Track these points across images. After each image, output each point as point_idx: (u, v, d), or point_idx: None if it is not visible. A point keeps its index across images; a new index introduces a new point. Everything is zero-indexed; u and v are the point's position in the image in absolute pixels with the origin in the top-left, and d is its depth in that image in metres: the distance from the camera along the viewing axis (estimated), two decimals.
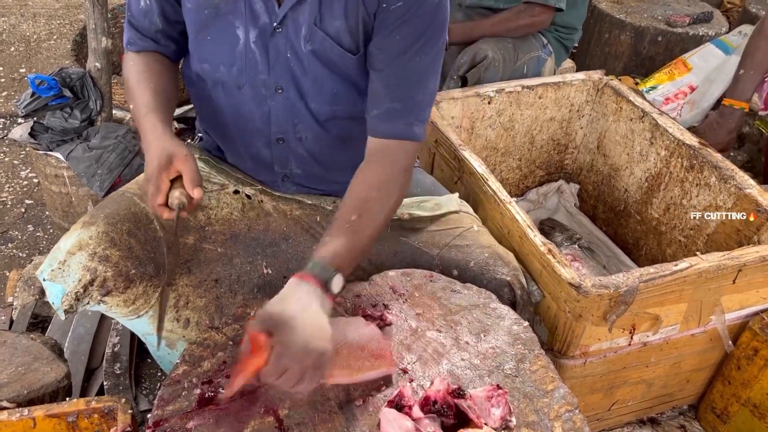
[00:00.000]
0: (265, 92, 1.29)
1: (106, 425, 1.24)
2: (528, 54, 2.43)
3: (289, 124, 1.33)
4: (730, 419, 1.68)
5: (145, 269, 1.28)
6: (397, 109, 1.23)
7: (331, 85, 1.27)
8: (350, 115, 1.33)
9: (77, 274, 1.22)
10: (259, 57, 1.25)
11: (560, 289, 1.38)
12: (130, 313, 1.31)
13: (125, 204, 1.32)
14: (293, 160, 1.39)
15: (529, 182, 2.33)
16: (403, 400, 1.08)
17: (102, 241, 1.24)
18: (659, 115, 1.93)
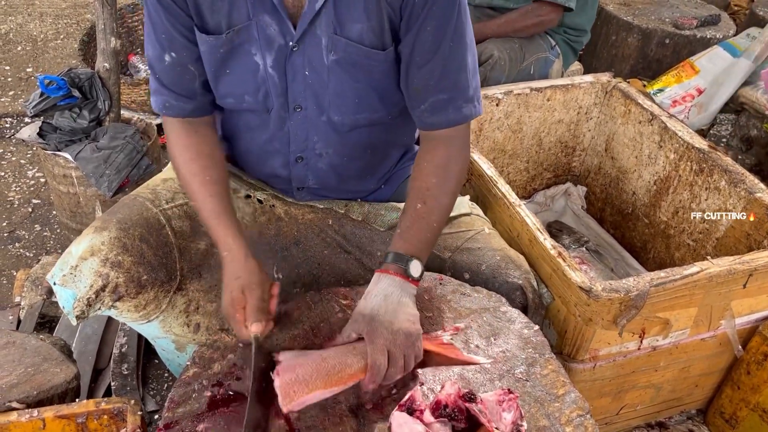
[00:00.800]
0: (283, 114, 1.28)
1: (115, 426, 1.24)
2: (535, 55, 2.42)
3: (309, 141, 1.32)
4: (739, 424, 1.67)
5: (157, 275, 1.27)
6: (444, 99, 1.24)
7: (353, 93, 1.25)
8: (371, 122, 1.31)
9: (89, 279, 1.22)
10: (278, 80, 1.23)
11: (570, 292, 1.38)
12: (141, 318, 1.31)
13: (137, 209, 1.31)
14: (311, 177, 1.39)
15: (537, 184, 2.33)
16: (414, 404, 1.07)
17: (114, 247, 1.24)
18: (668, 118, 1.92)
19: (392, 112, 1.32)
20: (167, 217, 1.33)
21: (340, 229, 1.44)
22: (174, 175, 1.40)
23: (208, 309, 1.35)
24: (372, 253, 1.42)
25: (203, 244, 1.36)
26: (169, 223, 1.32)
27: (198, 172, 1.26)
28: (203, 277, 1.35)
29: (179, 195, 1.37)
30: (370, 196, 1.49)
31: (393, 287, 1.15)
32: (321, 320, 1.26)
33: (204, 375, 1.14)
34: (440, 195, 1.24)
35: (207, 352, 1.19)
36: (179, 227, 1.33)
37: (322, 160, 1.35)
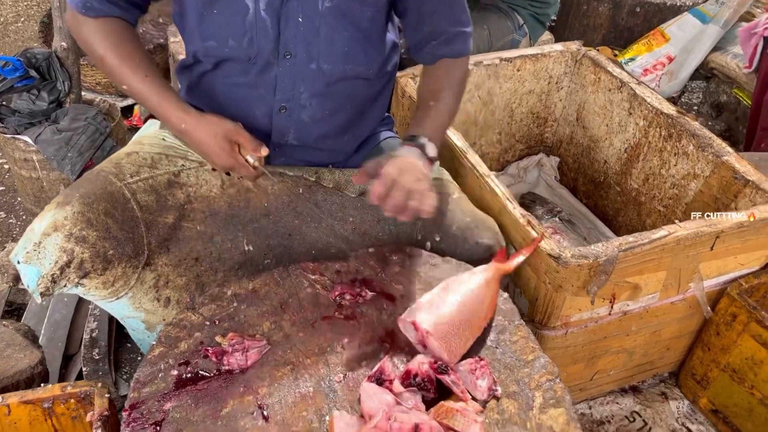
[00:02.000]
0: (272, 60, 1.27)
1: (83, 410, 1.22)
2: (502, 39, 2.41)
3: (296, 90, 1.31)
4: (710, 385, 1.69)
5: (124, 250, 1.25)
6: (452, 33, 1.38)
7: (343, 43, 1.27)
8: (356, 75, 1.33)
9: (53, 255, 1.19)
10: (270, 25, 1.23)
11: (540, 260, 1.38)
12: (109, 295, 1.28)
13: (101, 183, 1.28)
14: (293, 130, 1.36)
15: (510, 156, 2.32)
16: (383, 374, 1.07)
17: (78, 221, 1.21)
18: (637, 85, 1.92)
19: (374, 68, 1.35)
20: (132, 191, 1.30)
21: (311, 197, 1.43)
22: (138, 149, 1.37)
23: (178, 283, 1.33)
24: (344, 218, 1.42)
25: (170, 218, 1.33)
26: (134, 196, 1.29)
27: (126, 56, 1.24)
28: (171, 252, 1.33)
29: (144, 169, 1.34)
30: (341, 163, 1.47)
31: (412, 153, 1.25)
32: (289, 295, 1.25)
33: (170, 354, 1.13)
34: (448, 96, 1.39)
35: (173, 331, 1.17)
36: (145, 201, 1.31)
37: (305, 111, 1.34)
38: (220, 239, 1.37)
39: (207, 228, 1.37)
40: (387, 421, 0.96)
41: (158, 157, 1.36)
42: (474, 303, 1.17)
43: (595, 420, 1.73)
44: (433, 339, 1.10)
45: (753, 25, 2.38)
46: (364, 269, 1.31)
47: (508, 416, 1.06)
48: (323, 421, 1.03)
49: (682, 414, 1.76)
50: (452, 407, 1.01)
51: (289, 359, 1.13)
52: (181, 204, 1.36)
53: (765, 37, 2.34)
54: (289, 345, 1.15)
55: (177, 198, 1.36)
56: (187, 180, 1.38)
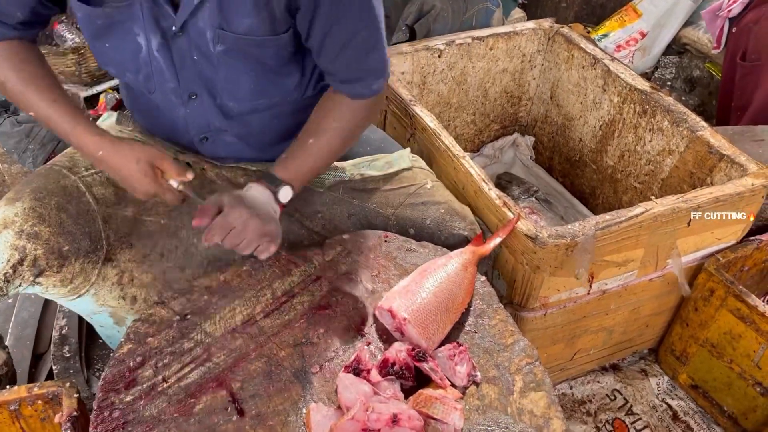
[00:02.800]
0: (176, 100, 1.21)
1: (52, 411, 1.18)
2: (477, 5, 2.37)
3: (211, 125, 1.26)
4: (689, 360, 1.70)
5: (80, 245, 1.20)
6: (352, 78, 1.22)
7: (247, 80, 1.19)
8: (270, 107, 1.26)
9: (4, 254, 1.14)
10: (164, 65, 1.15)
11: (517, 241, 1.36)
12: (69, 293, 1.23)
13: (54, 177, 1.23)
14: (223, 150, 1.33)
15: (485, 137, 2.30)
16: (360, 364, 1.04)
17: (29, 217, 1.16)
18: (611, 61, 1.90)
19: (291, 96, 1.27)
20: (87, 184, 1.25)
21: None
22: None
23: (143, 280, 1.29)
24: (311, 214, 1.37)
25: (129, 211, 1.28)
26: (89, 190, 1.25)
27: (29, 79, 1.15)
28: (134, 247, 1.28)
29: None
30: None
31: (262, 195, 1.17)
32: (262, 287, 1.22)
33: (139, 351, 1.09)
34: (335, 138, 1.24)
35: (142, 327, 1.13)
36: (101, 194, 1.26)
37: (228, 135, 1.29)
38: (186, 234, 1.32)
39: (171, 221, 1.32)
40: (365, 412, 0.94)
41: None
42: (451, 287, 1.15)
43: (576, 399, 1.73)
44: (410, 326, 1.07)
45: (716, 7, 2.39)
46: (338, 257, 1.27)
47: (488, 401, 1.04)
48: (300, 413, 1.01)
49: (662, 390, 1.76)
50: (431, 395, 0.99)
51: (263, 352, 1.09)
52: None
53: (730, 18, 2.36)
54: (263, 337, 1.12)
55: None
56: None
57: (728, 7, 2.34)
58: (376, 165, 1.43)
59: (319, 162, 1.24)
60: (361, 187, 1.40)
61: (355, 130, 1.29)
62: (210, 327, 1.13)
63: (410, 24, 2.12)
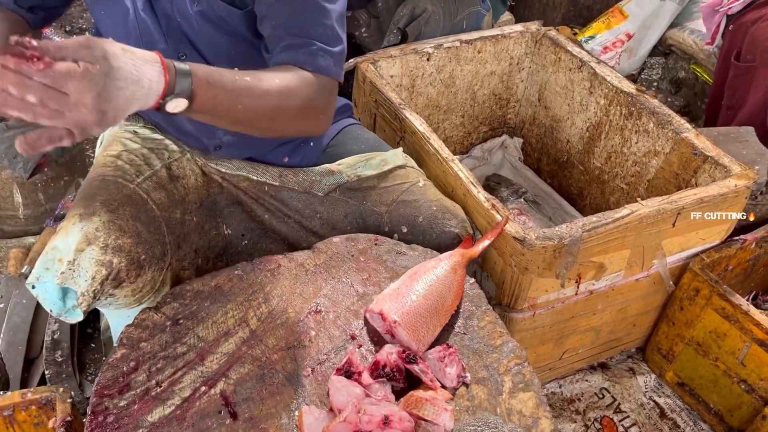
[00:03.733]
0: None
1: (46, 416, 1.19)
2: (468, 8, 2.38)
3: None
4: (676, 358, 1.73)
5: (154, 252, 1.19)
6: (295, 43, 1.13)
7: (226, 46, 1.20)
8: None
9: (90, 271, 1.09)
10: (152, 25, 1.18)
11: (505, 243, 1.38)
12: (134, 302, 1.21)
13: (115, 188, 1.21)
14: (219, 130, 1.33)
15: (473, 139, 2.32)
16: (351, 367, 1.06)
17: (111, 231, 1.13)
18: (597, 64, 1.93)
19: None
20: (145, 190, 1.25)
21: (277, 195, 1.41)
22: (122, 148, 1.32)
23: (182, 276, 1.31)
24: (310, 215, 1.41)
25: (178, 213, 1.30)
26: (149, 196, 1.25)
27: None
28: (181, 248, 1.29)
29: (143, 167, 1.30)
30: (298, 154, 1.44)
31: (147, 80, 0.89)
32: (254, 291, 1.23)
33: (133, 356, 1.10)
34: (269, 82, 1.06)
35: (135, 332, 1.14)
36: (159, 199, 1.26)
37: None
38: (208, 227, 1.36)
39: (199, 218, 1.35)
40: (356, 414, 0.95)
41: (147, 152, 1.33)
42: (441, 290, 1.16)
43: (565, 398, 1.75)
44: (401, 329, 1.09)
45: (716, 2, 2.40)
46: (329, 260, 1.29)
47: (478, 402, 1.06)
48: (292, 416, 1.02)
49: (649, 388, 1.79)
50: (422, 396, 1.00)
51: (255, 355, 1.11)
52: (182, 197, 1.33)
53: (728, 16, 2.37)
54: (255, 341, 1.13)
55: (179, 192, 1.33)
56: (179, 172, 1.35)
57: (729, 4, 2.35)
58: (372, 163, 1.45)
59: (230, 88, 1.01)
60: (356, 187, 1.42)
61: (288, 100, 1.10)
62: (202, 331, 1.14)
63: (402, 27, 2.13)
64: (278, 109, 1.10)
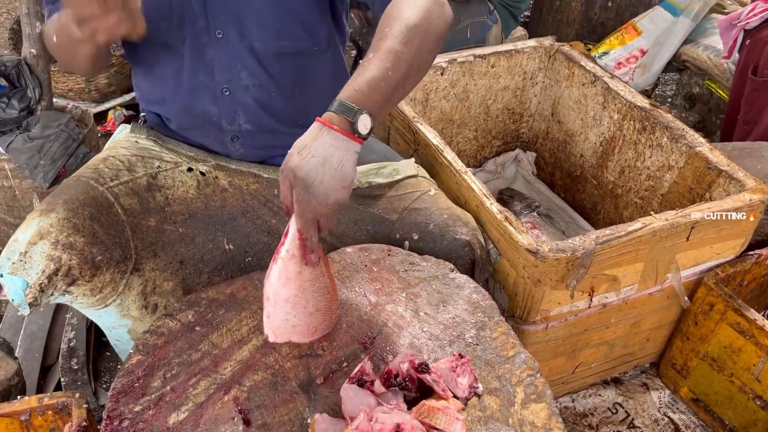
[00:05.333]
0: (206, 40, 1.25)
1: (62, 421, 1.20)
2: (470, 18, 2.41)
3: (234, 71, 1.29)
4: (690, 374, 1.71)
5: (111, 255, 1.23)
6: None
7: (274, 17, 1.23)
8: (296, 51, 1.29)
9: (40, 264, 1.16)
10: (195, 3, 1.21)
11: (518, 255, 1.38)
12: (97, 302, 1.26)
13: (83, 188, 1.26)
14: (241, 114, 1.34)
15: (487, 153, 2.33)
16: (364, 375, 1.06)
17: (64, 228, 1.18)
18: (610, 79, 1.93)
19: (318, 43, 1.31)
20: (115, 194, 1.28)
21: None
22: (113, 153, 1.36)
23: (165, 288, 1.32)
24: None
25: (152, 221, 1.32)
26: (117, 200, 1.28)
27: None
28: (158, 256, 1.31)
29: (123, 172, 1.33)
30: None
31: (335, 148, 0.97)
32: None
33: (147, 362, 1.11)
34: (394, 41, 1.03)
35: (151, 339, 1.16)
36: (128, 204, 1.29)
37: (249, 93, 1.31)
38: (202, 240, 1.37)
39: (188, 230, 1.36)
40: (368, 422, 0.96)
41: (134, 160, 1.36)
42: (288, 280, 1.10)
43: (578, 413, 1.74)
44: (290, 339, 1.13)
45: (735, 16, 2.40)
46: (342, 270, 1.30)
47: (490, 413, 1.06)
48: (305, 424, 1.03)
49: (663, 404, 1.77)
50: (434, 406, 1.01)
51: (269, 363, 1.12)
52: (161, 206, 1.35)
53: (745, 30, 2.37)
54: (269, 349, 1.14)
55: (157, 200, 1.35)
56: (165, 182, 1.37)
57: (747, 18, 2.36)
58: (384, 172, 1.46)
59: (391, 75, 1.01)
60: (367, 194, 1.43)
61: (420, 28, 1.05)
62: (217, 338, 1.15)
63: None
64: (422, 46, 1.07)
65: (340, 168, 0.98)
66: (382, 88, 1.01)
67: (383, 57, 1.02)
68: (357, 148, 1.01)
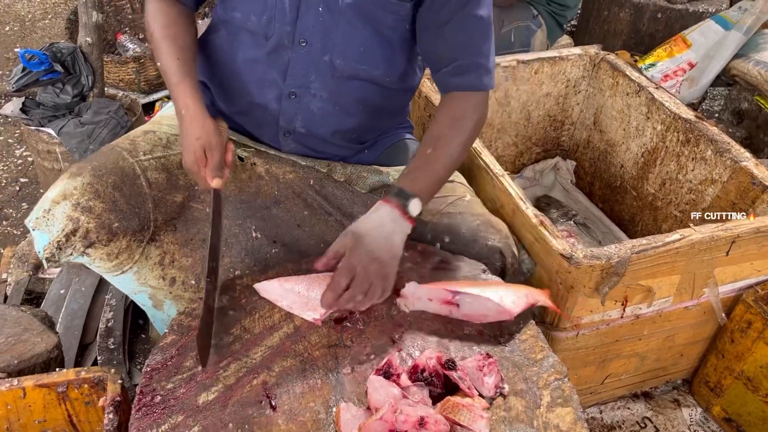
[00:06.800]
0: (287, 44, 1.29)
1: (96, 395, 1.24)
2: (515, 22, 2.41)
3: (306, 79, 1.32)
4: (724, 392, 1.68)
5: (129, 223, 1.28)
6: (466, 64, 1.29)
7: (362, 40, 1.28)
8: (370, 78, 1.33)
9: (60, 223, 1.23)
10: (288, 8, 1.25)
11: (552, 260, 1.38)
12: (114, 268, 1.31)
13: (113, 158, 1.31)
14: (300, 117, 1.37)
15: (525, 159, 2.32)
16: (391, 368, 1.07)
17: (86, 192, 1.24)
18: (655, 89, 1.91)
19: (391, 75, 1.34)
20: (143, 167, 1.33)
21: (321, 190, 1.44)
22: (155, 128, 1.41)
23: (183, 263, 1.36)
24: (353, 215, 1.42)
25: (179, 197, 1.36)
26: (144, 173, 1.32)
27: (170, 36, 1.30)
28: (179, 230, 1.35)
29: (158, 148, 1.37)
30: (353, 158, 1.48)
31: (389, 219, 1.19)
32: None
33: (181, 342, 1.14)
34: (451, 144, 1.29)
35: (186, 320, 1.19)
36: (155, 178, 1.34)
37: (315, 102, 1.34)
38: (229, 224, 1.39)
39: None
40: (393, 413, 0.97)
41: (173, 138, 1.40)
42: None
43: (605, 425, 1.72)
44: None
45: None
46: None
47: (515, 414, 1.05)
48: (330, 412, 1.04)
49: (694, 422, 1.74)
50: (458, 402, 1.01)
51: (298, 351, 1.14)
52: (191, 184, 1.39)
53: None
54: (299, 337, 1.16)
55: (188, 178, 1.39)
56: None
57: None
58: None
59: (440, 172, 1.29)
60: None
61: (469, 133, 1.32)
62: (249, 323, 1.18)
63: None
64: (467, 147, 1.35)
65: (390, 236, 1.18)
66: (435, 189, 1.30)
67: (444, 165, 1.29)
68: (407, 228, 1.22)
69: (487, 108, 1.36)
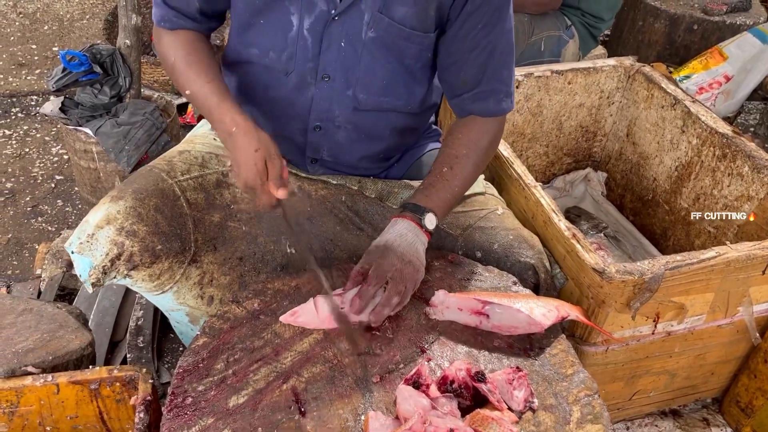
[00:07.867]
0: (310, 80, 1.29)
1: (127, 394, 1.26)
2: (546, 32, 2.39)
3: (331, 113, 1.33)
4: (755, 413, 1.64)
5: (171, 245, 1.28)
6: (488, 90, 1.31)
7: (383, 74, 1.28)
8: (393, 108, 1.34)
9: (105, 248, 1.23)
10: (311, 45, 1.25)
11: (583, 274, 1.36)
12: (155, 288, 1.32)
13: (153, 180, 1.32)
14: (327, 147, 1.39)
15: (556, 169, 2.30)
16: (420, 378, 1.07)
17: (129, 216, 1.25)
18: (692, 103, 1.88)
19: (413, 104, 1.35)
20: (182, 188, 1.34)
21: (353, 206, 1.44)
22: (190, 147, 1.41)
23: (221, 282, 1.36)
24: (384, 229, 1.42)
25: (217, 217, 1.37)
26: (184, 194, 1.33)
27: (195, 62, 1.28)
28: (218, 250, 1.36)
29: (195, 167, 1.38)
30: (382, 173, 1.49)
31: (407, 230, 1.23)
32: None
33: (213, 345, 1.16)
34: (467, 164, 1.31)
35: (217, 323, 1.20)
36: (194, 199, 1.34)
37: (340, 133, 1.36)
38: (264, 240, 1.40)
39: (252, 229, 1.40)
40: (422, 424, 0.97)
41: (208, 157, 1.41)
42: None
43: None
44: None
45: None
46: None
47: (544, 429, 1.05)
48: (359, 420, 1.04)
49: None
50: (488, 415, 1.01)
51: (328, 357, 1.14)
52: (227, 204, 1.39)
53: None
54: (329, 344, 1.17)
55: (224, 198, 1.39)
56: (234, 181, 1.41)
57: None
58: None
59: (456, 189, 1.31)
60: None
61: (484, 155, 1.35)
62: (280, 328, 1.19)
63: None
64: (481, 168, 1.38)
65: (413, 243, 1.22)
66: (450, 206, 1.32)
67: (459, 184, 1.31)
68: (425, 240, 1.25)
69: (503, 128, 1.39)
